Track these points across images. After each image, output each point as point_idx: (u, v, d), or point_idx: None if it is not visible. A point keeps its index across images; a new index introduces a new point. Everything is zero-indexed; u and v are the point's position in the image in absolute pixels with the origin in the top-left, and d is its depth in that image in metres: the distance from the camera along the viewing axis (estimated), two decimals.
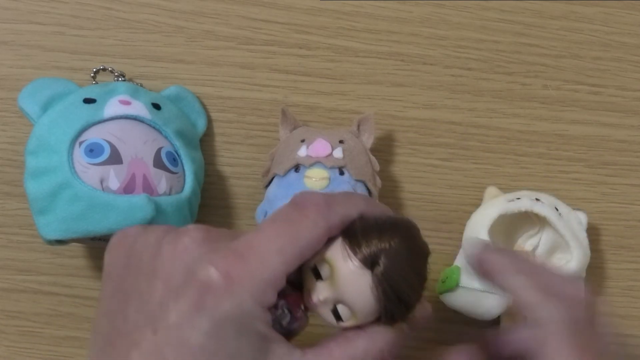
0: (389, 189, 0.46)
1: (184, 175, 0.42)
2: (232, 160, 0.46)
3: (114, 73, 0.44)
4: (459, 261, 0.41)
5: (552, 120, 0.47)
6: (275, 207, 0.41)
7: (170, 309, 0.24)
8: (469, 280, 0.38)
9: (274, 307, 0.26)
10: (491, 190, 0.42)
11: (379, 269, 0.26)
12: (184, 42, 0.46)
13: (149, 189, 0.39)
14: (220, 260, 0.24)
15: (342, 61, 0.47)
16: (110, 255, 0.28)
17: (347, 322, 0.27)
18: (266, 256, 0.24)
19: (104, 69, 0.44)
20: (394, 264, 0.26)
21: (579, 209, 0.42)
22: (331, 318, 0.27)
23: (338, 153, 0.41)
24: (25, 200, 0.39)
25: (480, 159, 0.47)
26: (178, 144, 0.42)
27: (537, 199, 0.39)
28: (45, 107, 0.41)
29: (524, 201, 0.39)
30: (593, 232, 0.47)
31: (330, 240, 0.27)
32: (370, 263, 0.26)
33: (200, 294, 0.23)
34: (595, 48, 0.48)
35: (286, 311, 0.27)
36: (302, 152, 0.42)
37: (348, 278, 0.26)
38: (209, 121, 0.46)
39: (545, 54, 0.47)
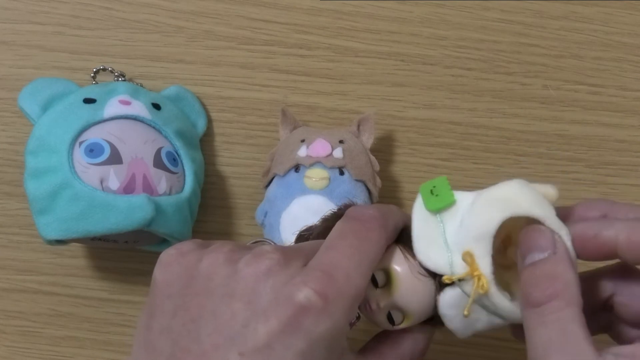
0: (389, 189, 0.46)
1: (184, 175, 0.42)
2: (232, 160, 0.46)
3: (114, 73, 0.44)
4: (460, 200, 0.29)
5: (552, 120, 0.47)
6: (275, 207, 0.41)
7: (260, 330, 0.24)
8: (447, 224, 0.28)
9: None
10: (555, 192, 0.29)
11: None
12: (184, 42, 0.46)
13: (149, 189, 0.39)
14: (315, 282, 0.24)
15: (342, 61, 0.47)
16: (165, 272, 0.27)
17: (400, 325, 0.29)
18: (350, 273, 0.25)
19: (104, 69, 0.44)
20: None
21: None
22: (386, 323, 0.29)
23: (338, 153, 0.42)
24: (25, 200, 0.39)
25: (480, 159, 0.47)
26: (178, 144, 0.42)
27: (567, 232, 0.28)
28: (45, 107, 0.41)
29: (565, 228, 0.27)
30: None
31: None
32: None
33: (296, 315, 0.24)
34: (595, 48, 0.48)
35: None
36: (302, 152, 0.42)
37: (410, 284, 0.28)
38: (209, 121, 0.46)
39: (545, 54, 0.47)
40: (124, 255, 0.46)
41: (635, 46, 0.48)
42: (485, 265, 0.26)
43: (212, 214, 0.46)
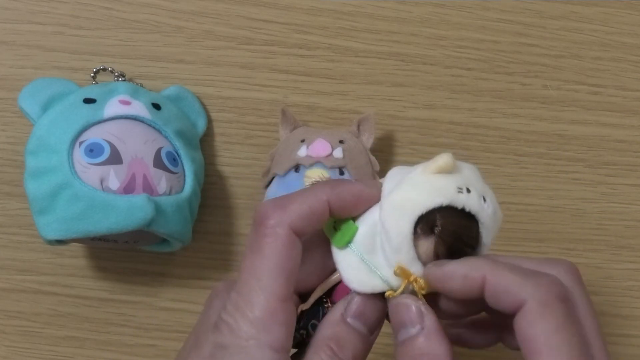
0: None
1: (184, 175, 0.42)
2: (232, 160, 0.46)
3: (114, 73, 0.44)
4: (367, 220, 0.28)
5: (552, 120, 0.47)
6: None
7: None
8: (364, 248, 0.28)
9: (317, 305, 0.28)
10: (447, 160, 0.27)
11: None
12: (184, 42, 0.46)
13: (149, 189, 0.39)
14: (222, 313, 0.26)
15: (342, 61, 0.47)
16: None
17: None
18: (250, 289, 0.26)
19: (104, 69, 0.44)
20: None
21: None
22: None
23: (338, 153, 0.42)
24: (25, 200, 0.39)
25: (480, 159, 0.47)
26: (178, 144, 0.42)
27: (484, 198, 0.27)
28: (45, 107, 0.41)
29: (474, 199, 0.27)
30: (593, 232, 0.47)
31: None
32: None
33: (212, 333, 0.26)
34: (595, 48, 0.48)
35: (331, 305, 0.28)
36: (302, 152, 0.42)
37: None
38: (209, 121, 0.46)
39: (545, 54, 0.47)
40: (124, 255, 0.46)
41: (635, 46, 0.48)
42: (416, 269, 0.27)
43: (212, 214, 0.46)
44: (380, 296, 0.27)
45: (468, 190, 0.26)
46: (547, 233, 0.47)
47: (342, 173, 0.41)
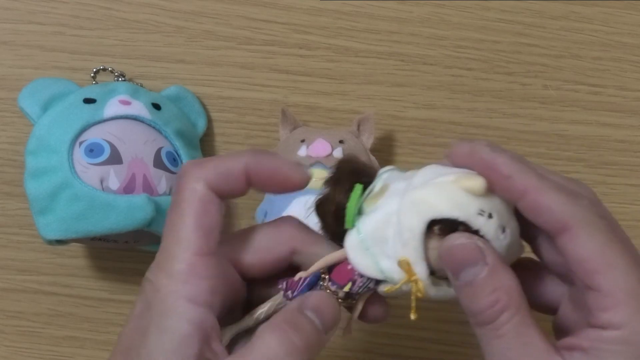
0: None
1: None
2: None
3: (114, 73, 0.44)
4: (384, 208, 0.27)
5: (552, 120, 0.47)
6: (275, 207, 0.41)
7: None
8: (373, 235, 0.27)
9: (320, 280, 0.28)
10: (479, 185, 0.26)
11: None
12: (184, 42, 0.46)
13: (149, 189, 0.39)
14: (147, 272, 0.27)
15: (342, 61, 0.47)
16: None
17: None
18: (168, 245, 0.26)
19: (104, 69, 0.44)
20: None
21: None
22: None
23: (338, 153, 0.42)
24: (25, 200, 0.39)
25: None
26: (178, 144, 0.42)
27: (503, 229, 0.26)
28: (46, 107, 0.41)
29: (492, 227, 0.26)
30: None
31: None
32: None
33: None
34: (595, 48, 0.48)
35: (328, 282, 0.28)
36: (302, 152, 0.42)
37: None
38: (209, 121, 0.46)
39: (545, 54, 0.47)
40: (124, 255, 0.46)
41: (635, 46, 0.48)
42: (421, 270, 0.26)
43: None
44: (336, 298, 0.28)
45: (490, 216, 0.26)
46: None
47: None
